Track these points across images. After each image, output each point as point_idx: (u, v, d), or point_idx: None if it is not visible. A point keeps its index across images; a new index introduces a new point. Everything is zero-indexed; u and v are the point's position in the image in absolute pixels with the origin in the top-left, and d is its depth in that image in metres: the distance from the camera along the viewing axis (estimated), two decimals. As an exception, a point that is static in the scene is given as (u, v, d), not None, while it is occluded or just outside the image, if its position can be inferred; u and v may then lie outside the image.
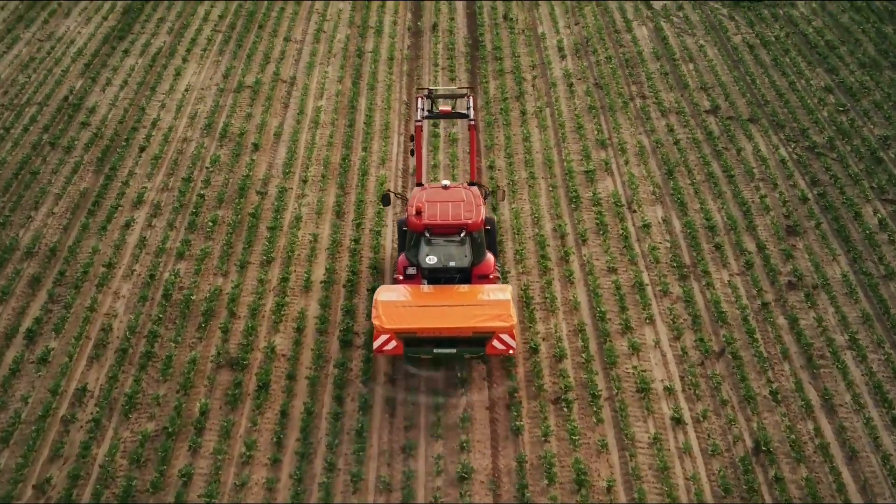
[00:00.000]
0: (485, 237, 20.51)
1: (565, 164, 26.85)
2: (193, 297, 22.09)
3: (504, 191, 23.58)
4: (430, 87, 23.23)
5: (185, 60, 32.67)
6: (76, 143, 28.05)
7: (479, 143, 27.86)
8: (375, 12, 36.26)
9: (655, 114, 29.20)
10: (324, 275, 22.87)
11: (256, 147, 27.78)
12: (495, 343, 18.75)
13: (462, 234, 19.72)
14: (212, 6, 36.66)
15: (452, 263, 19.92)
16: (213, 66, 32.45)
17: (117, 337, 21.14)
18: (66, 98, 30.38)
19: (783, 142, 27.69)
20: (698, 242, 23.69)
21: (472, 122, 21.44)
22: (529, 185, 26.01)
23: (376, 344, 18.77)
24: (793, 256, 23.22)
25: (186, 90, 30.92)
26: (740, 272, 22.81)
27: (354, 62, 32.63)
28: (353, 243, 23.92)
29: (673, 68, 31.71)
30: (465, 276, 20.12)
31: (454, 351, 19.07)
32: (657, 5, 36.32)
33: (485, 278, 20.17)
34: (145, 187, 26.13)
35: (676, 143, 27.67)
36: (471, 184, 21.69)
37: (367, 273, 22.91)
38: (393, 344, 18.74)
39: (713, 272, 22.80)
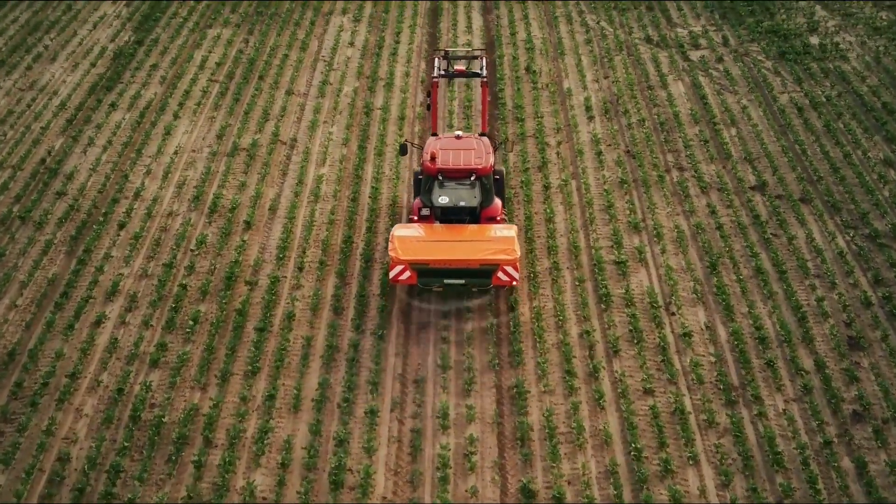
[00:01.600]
0: (493, 185, 22.55)
1: (593, 251, 23.80)
2: (165, 419, 19.18)
3: (513, 141, 26.87)
4: (447, 49, 26.10)
5: (176, 116, 29.85)
6: (49, 217, 25.28)
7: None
8: (386, 61, 33.35)
9: (695, 190, 26.10)
10: (316, 390, 19.92)
11: (249, 225, 24.90)
12: (500, 275, 20.83)
13: (472, 178, 21.90)
14: (209, 52, 33.87)
15: (463, 203, 21.83)
16: (207, 123, 29.62)
17: (75, 469, 18.25)
18: (43, 161, 27.65)
19: (840, 228, 24.53)
20: (747, 357, 20.57)
21: (485, 80, 23.81)
22: (553, 279, 22.97)
23: (392, 274, 21.05)
24: (857, 378, 20.05)
25: (176, 153, 28.09)
26: (797, 398, 19.67)
27: (362, 121, 29.72)
28: (351, 349, 20.96)
29: (713, 134, 28.60)
30: (474, 217, 22.14)
31: (463, 282, 21.09)
32: (694, 56, 33.22)
33: (492, 220, 22.28)
34: (121, 274, 23.29)
35: (719, 227, 24.55)
36: (482, 134, 23.62)
37: (366, 389, 19.94)
38: (407, 274, 20.93)
39: (765, 397, 19.67)
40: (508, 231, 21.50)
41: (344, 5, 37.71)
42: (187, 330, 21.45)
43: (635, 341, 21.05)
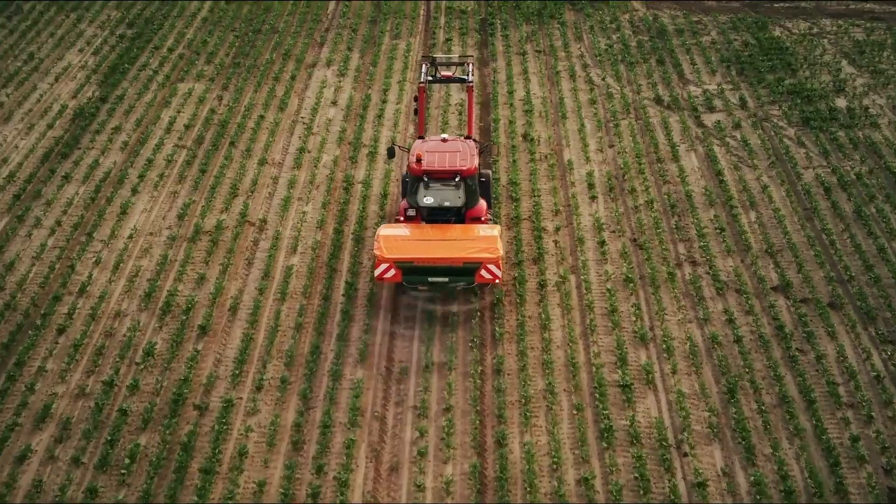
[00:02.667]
0: (479, 187, 23.33)
1: (594, 369, 20.83)
2: None
3: (497, 146, 28.18)
4: (433, 55, 27.16)
5: (135, 191, 26.99)
6: (-19, 318, 22.43)
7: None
8: (371, 124, 30.45)
9: (709, 290, 23.10)
10: (267, 555, 16.99)
11: (204, 330, 21.99)
12: (483, 272, 21.46)
13: (457, 179, 22.50)
14: (178, 111, 31.03)
15: (447, 203, 22.59)
16: (169, 199, 26.76)
17: None
18: (-18, 246, 24.83)
19: (875, 342, 21.51)
20: (772, 518, 17.57)
21: (470, 84, 24.86)
22: (548, 404, 20.01)
23: (377, 272, 21.60)
24: (902, 547, 17.03)
25: (131, 237, 25.23)
26: (831, 573, 16.66)
27: (340, 198, 26.82)
28: (310, 498, 18.01)
29: (730, 219, 25.60)
30: (459, 217, 22.90)
31: (447, 280, 21.68)
32: (709, 121, 30.23)
33: (477, 220, 22.95)
34: (55, 393, 20.42)
35: (738, 340, 21.55)
36: (467, 138, 24.59)
37: (325, 554, 17.00)
38: (392, 272, 21.53)
39: (794, 572, 16.66)
40: (491, 231, 22.29)
41: (329, 55, 34.87)
42: (122, 471, 18.55)
43: (643, 490, 18.07)
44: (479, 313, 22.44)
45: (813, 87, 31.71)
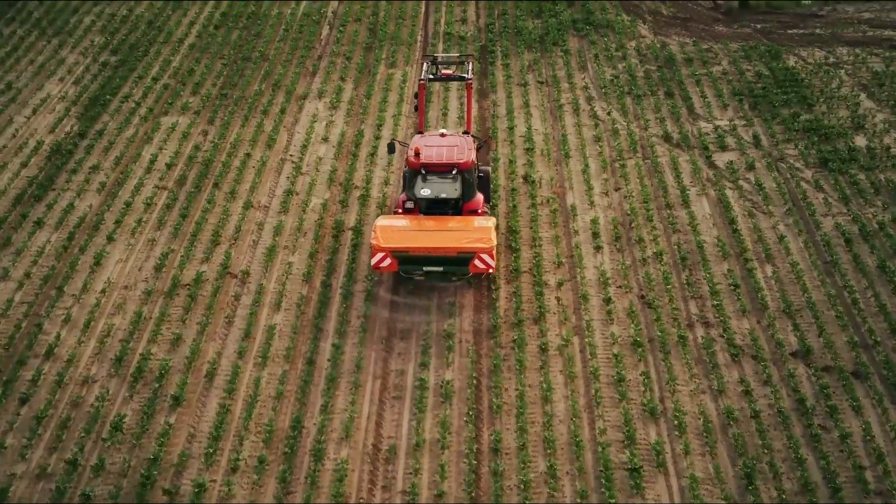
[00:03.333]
0: (476, 182, 23.88)
1: (599, 448, 19.17)
2: None
3: (494, 142, 28.76)
4: (434, 55, 27.60)
5: (110, 238, 25.38)
6: (-62, 386, 20.80)
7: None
8: (364, 164, 28.83)
9: (723, 356, 21.43)
10: None
11: (177, 401, 20.35)
12: (476, 262, 21.95)
13: (454, 172, 23.01)
14: (161, 148, 29.44)
15: (444, 195, 23.09)
16: (146, 248, 25.13)
17: None
18: (-56, 302, 23.21)
19: (905, 419, 19.81)
20: None
21: (470, 81, 25.52)
22: (550, 489, 18.34)
23: (374, 261, 22.10)
24: None
25: (104, 291, 23.62)
26: None
27: (329, 246, 25.19)
28: None
29: (745, 273, 23.92)
30: (456, 209, 23.40)
31: (441, 269, 22.22)
32: (721, 161, 28.57)
33: (474, 213, 23.43)
34: (14, 474, 18.80)
35: (755, 415, 19.88)
36: (465, 133, 25.17)
37: None
38: (388, 261, 22.00)
39: None
40: (486, 222, 22.77)
41: (321, 86, 33.24)
42: (82, 568, 16.89)
43: None
44: (475, 381, 20.79)
45: (830, 125, 30.02)
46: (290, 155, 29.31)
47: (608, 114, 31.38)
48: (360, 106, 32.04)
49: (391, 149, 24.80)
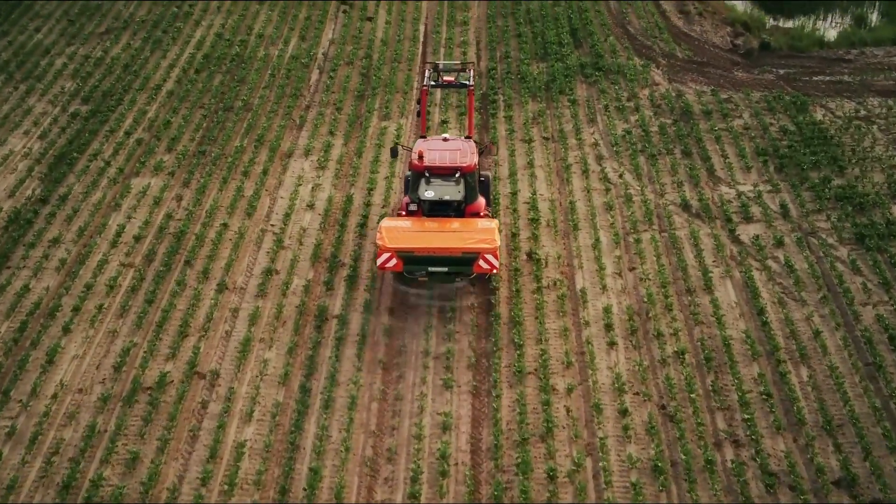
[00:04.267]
0: (478, 185, 24.20)
1: None
2: None
3: (496, 146, 29.18)
4: (437, 62, 29.20)
5: (66, 329, 22.75)
6: None
7: None
8: (353, 234, 26.23)
9: (757, 486, 18.74)
10: None
11: (130, 542, 17.65)
12: (480, 262, 22.14)
13: (457, 175, 23.26)
14: (129, 216, 26.87)
15: (447, 197, 23.28)
16: (106, 341, 22.48)
17: None
18: None
19: (970, 571, 17.07)
20: None
21: (471, 87, 25.80)
22: None
23: (379, 261, 22.32)
24: None
25: (55, 395, 20.97)
26: None
27: (310, 339, 22.54)
28: None
29: (777, 378, 21.24)
30: (459, 211, 23.57)
31: (446, 270, 22.52)
32: (745, 235, 25.90)
33: (476, 215, 23.68)
34: None
35: (796, 565, 17.14)
36: (467, 138, 25.44)
37: None
38: (394, 262, 22.26)
39: None
40: (489, 223, 23.15)
41: (308, 142, 30.61)
42: None
43: None
44: (472, 518, 18.11)
45: (865, 192, 27.34)
46: (272, 225, 26.66)
47: (620, 176, 28.71)
48: (349, 166, 29.39)
49: (394, 153, 25.16)
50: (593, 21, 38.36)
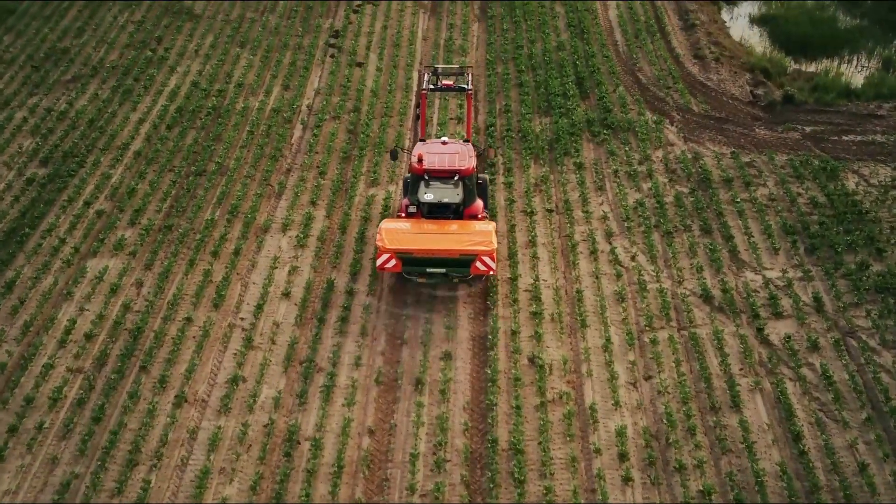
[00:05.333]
0: (476, 188, 24.95)
1: None
2: None
3: (494, 150, 29.47)
4: (435, 65, 29.61)
5: (0, 456, 19.74)
6: None
7: None
8: (331, 334, 23.24)
9: None
10: None
11: None
12: (478, 264, 23.00)
13: (455, 178, 24.12)
14: (82, 308, 24.01)
15: (446, 200, 24.07)
16: (44, 471, 19.60)
17: None
18: None
19: None
20: None
21: (470, 91, 26.23)
22: None
23: (379, 262, 23.16)
24: None
25: (-22, 546, 17.94)
26: None
27: (278, 469, 19.56)
28: None
29: (819, 526, 18.20)
30: (457, 214, 24.37)
31: (444, 271, 23.38)
32: (775, 335, 23.00)
33: (474, 218, 24.54)
34: None
35: None
36: (465, 141, 25.99)
37: None
38: (393, 262, 23.09)
39: None
40: (487, 226, 23.73)
41: (286, 213, 27.70)
42: None
43: None
44: None
45: (908, 281, 24.34)
46: (241, 318, 23.70)
47: (632, 258, 25.73)
48: (332, 244, 26.43)
49: (394, 156, 25.53)
50: (601, 68, 35.39)
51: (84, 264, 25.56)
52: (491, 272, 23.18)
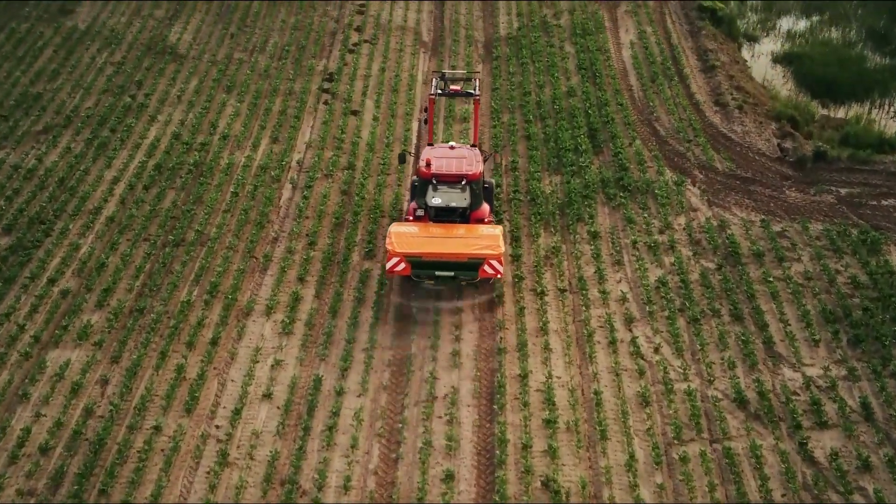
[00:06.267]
0: (483, 192, 25.26)
1: None
2: None
3: (499, 155, 30.12)
4: (443, 71, 30.90)
5: None
6: None
7: None
8: (318, 444, 20.56)
9: None
10: None
11: None
12: (486, 267, 23.31)
13: (463, 183, 24.49)
14: (38, 413, 21.43)
15: (454, 204, 24.55)
16: None
17: None
18: None
19: None
20: None
21: (477, 97, 26.74)
22: None
23: (388, 265, 23.43)
24: None
25: None
26: None
27: None
28: None
29: None
30: (464, 217, 24.81)
31: (452, 274, 23.53)
32: (820, 450, 20.40)
33: (480, 221, 24.91)
34: None
35: None
36: (473, 146, 26.31)
37: None
38: (402, 266, 23.35)
39: None
40: (494, 230, 24.09)
41: (271, 294, 25.04)
42: None
43: None
44: None
45: (968, 383, 21.64)
46: (217, 427, 21.05)
47: (656, 349, 23.06)
48: (321, 331, 23.77)
49: (402, 159, 26.47)
50: (615, 118, 32.73)
51: (44, 356, 22.91)
52: (498, 275, 23.49)
